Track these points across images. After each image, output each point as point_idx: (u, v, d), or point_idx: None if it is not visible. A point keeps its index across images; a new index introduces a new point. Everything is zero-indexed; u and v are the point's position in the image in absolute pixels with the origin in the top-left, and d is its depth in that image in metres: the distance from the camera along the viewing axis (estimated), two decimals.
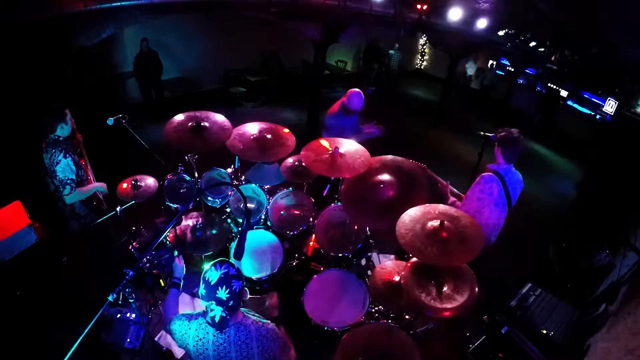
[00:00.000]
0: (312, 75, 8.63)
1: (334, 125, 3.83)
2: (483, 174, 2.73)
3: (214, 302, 1.60)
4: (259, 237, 3.07)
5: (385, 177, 2.86)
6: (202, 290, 1.62)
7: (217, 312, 1.61)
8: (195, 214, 3.24)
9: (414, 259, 2.43)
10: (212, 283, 1.59)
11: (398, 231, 2.29)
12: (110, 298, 1.50)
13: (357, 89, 3.77)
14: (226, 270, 1.62)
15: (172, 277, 2.17)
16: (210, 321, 1.64)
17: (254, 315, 1.78)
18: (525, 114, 9.39)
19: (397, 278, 2.59)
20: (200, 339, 1.67)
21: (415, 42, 12.88)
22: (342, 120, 3.82)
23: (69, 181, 2.72)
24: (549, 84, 8.57)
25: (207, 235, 3.12)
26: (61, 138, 2.75)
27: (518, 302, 2.80)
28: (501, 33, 7.27)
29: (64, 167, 2.69)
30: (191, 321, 1.72)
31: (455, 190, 3.10)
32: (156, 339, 2.56)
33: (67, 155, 2.72)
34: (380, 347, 2.22)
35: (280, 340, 1.74)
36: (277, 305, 2.17)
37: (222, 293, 1.58)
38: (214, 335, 1.66)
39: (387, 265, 2.78)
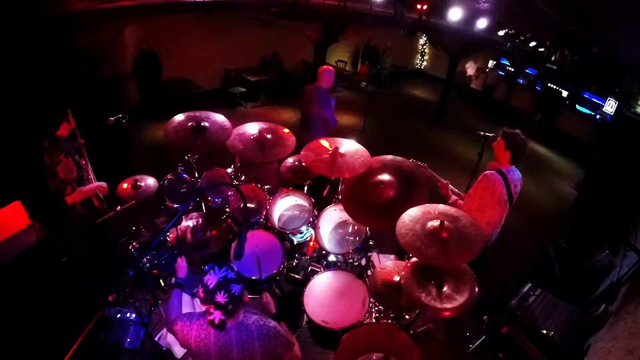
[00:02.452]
0: (312, 75, 8.61)
1: (329, 114, 3.84)
2: (486, 172, 2.72)
3: (212, 306, 1.59)
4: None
5: (385, 177, 2.86)
6: (200, 293, 1.60)
7: (217, 315, 1.59)
8: (195, 214, 3.24)
9: (414, 259, 2.43)
10: (210, 287, 1.57)
11: (398, 231, 2.29)
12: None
13: (327, 66, 3.79)
14: (225, 274, 1.60)
15: (175, 278, 2.16)
16: (210, 323, 1.64)
17: (255, 314, 1.77)
18: (525, 114, 9.39)
19: (397, 278, 2.59)
20: (202, 340, 1.67)
21: (415, 42, 12.86)
22: (329, 103, 3.86)
23: (69, 181, 2.72)
24: (549, 84, 8.59)
25: (208, 235, 3.11)
26: (63, 137, 2.75)
27: (518, 302, 2.79)
28: (501, 33, 7.27)
29: (64, 166, 2.69)
30: (192, 321, 1.72)
31: (455, 189, 3.10)
32: (156, 339, 2.56)
33: (68, 155, 2.71)
34: (380, 347, 2.22)
35: (282, 337, 1.74)
36: (272, 301, 2.16)
37: (221, 297, 1.56)
38: (215, 336, 1.65)
39: (387, 265, 2.78)
